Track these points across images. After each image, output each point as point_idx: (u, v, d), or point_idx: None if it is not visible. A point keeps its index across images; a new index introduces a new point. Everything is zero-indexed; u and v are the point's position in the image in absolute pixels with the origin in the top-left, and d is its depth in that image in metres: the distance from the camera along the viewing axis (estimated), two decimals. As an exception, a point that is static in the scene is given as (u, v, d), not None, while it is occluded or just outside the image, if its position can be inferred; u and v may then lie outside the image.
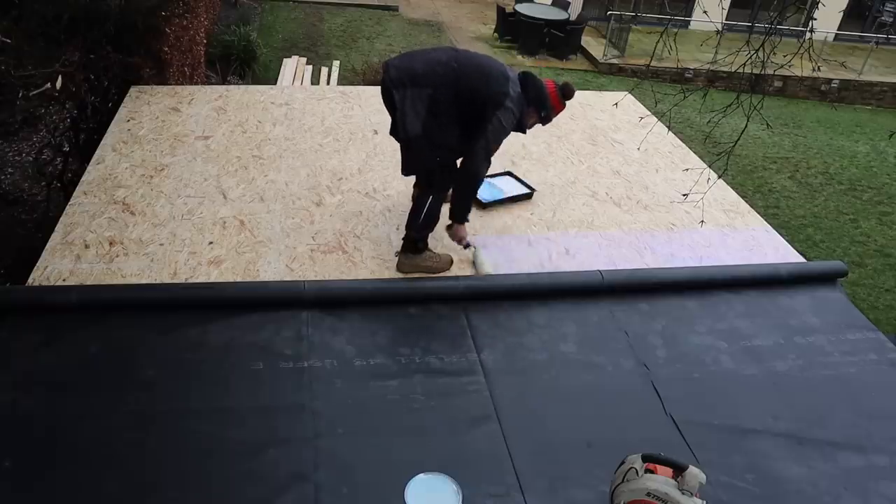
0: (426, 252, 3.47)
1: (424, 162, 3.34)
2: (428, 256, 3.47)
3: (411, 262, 3.45)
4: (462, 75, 3.19)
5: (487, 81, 3.22)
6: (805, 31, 3.91)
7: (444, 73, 3.18)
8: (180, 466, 2.41)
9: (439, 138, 3.21)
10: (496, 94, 3.19)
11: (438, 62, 3.22)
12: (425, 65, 3.21)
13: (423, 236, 3.46)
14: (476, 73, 3.24)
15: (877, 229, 8.91)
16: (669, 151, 5.12)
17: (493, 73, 3.27)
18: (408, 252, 3.46)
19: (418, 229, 3.42)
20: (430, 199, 3.38)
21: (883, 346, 3.36)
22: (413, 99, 3.14)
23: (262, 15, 13.11)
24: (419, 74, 3.17)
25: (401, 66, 3.23)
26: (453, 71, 3.19)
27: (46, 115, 5.51)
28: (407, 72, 3.19)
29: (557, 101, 3.40)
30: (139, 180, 4.05)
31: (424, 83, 3.15)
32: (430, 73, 3.17)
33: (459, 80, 3.18)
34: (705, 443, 2.69)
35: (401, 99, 3.15)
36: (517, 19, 13.70)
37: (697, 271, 3.72)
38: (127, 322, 2.96)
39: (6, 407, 2.56)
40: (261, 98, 5.24)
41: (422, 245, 3.46)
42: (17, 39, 4.11)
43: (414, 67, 3.20)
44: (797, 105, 13.21)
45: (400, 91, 3.15)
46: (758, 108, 3.58)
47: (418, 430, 2.62)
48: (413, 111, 3.14)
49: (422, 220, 3.40)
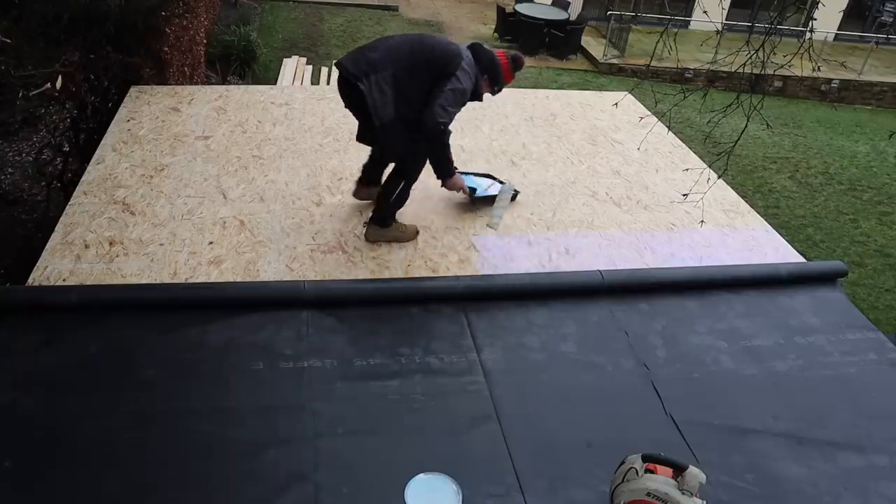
0: (394, 224, 3.63)
1: (401, 145, 3.43)
2: (395, 227, 3.65)
3: (378, 232, 3.63)
4: (416, 50, 3.33)
5: (441, 51, 3.38)
6: (805, 31, 3.91)
7: (399, 53, 3.31)
8: (180, 466, 2.41)
9: (410, 115, 3.31)
10: (452, 57, 3.34)
11: (391, 45, 3.38)
12: (380, 51, 3.34)
13: (392, 213, 3.62)
14: (429, 46, 3.40)
15: (877, 229, 8.91)
16: (669, 151, 5.12)
17: (445, 43, 3.47)
18: (375, 224, 3.63)
19: (388, 207, 3.58)
20: (403, 184, 3.54)
21: (883, 346, 3.36)
22: (379, 84, 3.24)
23: (262, 15, 13.11)
24: (376, 60, 3.28)
25: (356, 58, 3.35)
26: (408, 48, 3.33)
27: (46, 115, 5.51)
28: (364, 61, 3.30)
29: (508, 71, 3.54)
30: (139, 180, 4.05)
31: (383, 66, 3.26)
32: (385, 56, 3.30)
33: (415, 55, 3.32)
34: (705, 443, 2.68)
35: (367, 88, 3.24)
36: (517, 19, 13.71)
37: (697, 271, 3.72)
38: (127, 322, 2.96)
39: (6, 407, 2.56)
40: (261, 98, 5.24)
41: (389, 220, 3.62)
42: (17, 39, 4.11)
43: (369, 56, 3.32)
44: (797, 105, 13.22)
45: (364, 81, 3.24)
46: (758, 108, 3.58)
47: (418, 430, 2.62)
48: (381, 96, 3.24)
49: (392, 201, 3.57)
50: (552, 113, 5.53)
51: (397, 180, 3.56)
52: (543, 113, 5.52)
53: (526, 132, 5.16)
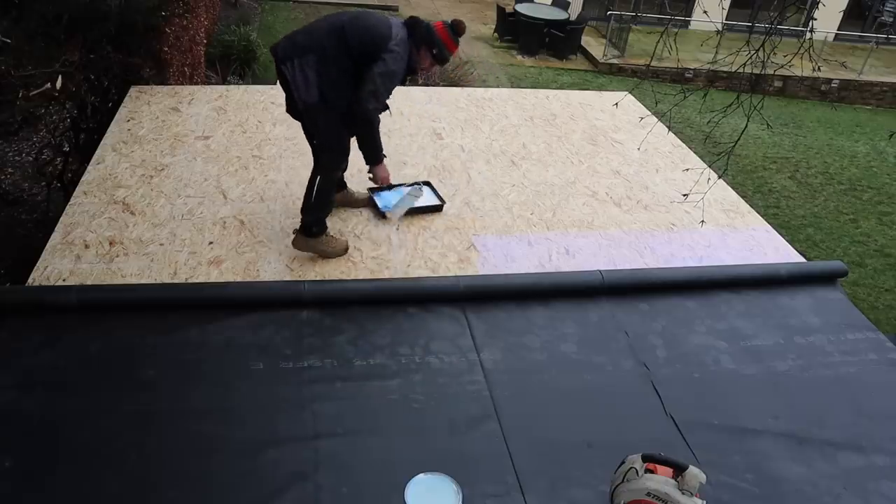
0: (322, 237, 3.49)
1: (327, 129, 3.39)
2: (323, 241, 3.50)
3: (305, 243, 3.49)
4: (344, 33, 3.27)
5: (369, 30, 3.31)
6: (805, 31, 3.92)
7: (328, 36, 3.28)
8: (180, 466, 2.41)
9: (335, 100, 3.28)
10: (379, 40, 3.27)
11: (319, 28, 3.35)
12: (305, 34, 3.34)
13: (317, 219, 3.47)
14: (358, 26, 3.32)
15: (877, 229, 8.91)
16: (669, 151, 5.12)
17: (375, 23, 3.35)
18: (301, 234, 3.49)
19: (310, 211, 3.45)
20: (318, 178, 3.42)
21: (883, 346, 3.36)
22: (301, 68, 3.23)
23: (262, 15, 13.11)
24: (300, 44, 3.28)
25: (285, 43, 3.35)
26: (336, 31, 3.28)
27: (46, 115, 5.50)
28: (290, 45, 3.30)
29: (448, 38, 3.44)
30: (139, 180, 4.05)
31: (307, 50, 3.24)
32: (311, 39, 3.29)
33: (343, 38, 3.26)
34: (705, 443, 2.68)
35: (290, 72, 3.24)
36: (517, 19, 13.71)
37: (697, 271, 3.72)
38: (127, 322, 2.96)
39: (7, 407, 2.56)
40: (261, 98, 5.24)
41: (316, 230, 3.47)
42: (17, 39, 4.11)
43: (295, 39, 3.33)
44: (797, 105, 13.21)
45: (287, 65, 3.24)
46: (758, 108, 3.58)
47: (418, 430, 2.62)
48: (304, 80, 3.23)
49: (313, 201, 3.43)
50: (552, 113, 5.54)
51: (313, 177, 3.44)
52: (543, 113, 5.52)
53: (526, 132, 5.16)
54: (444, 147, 4.77)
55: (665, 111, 4.99)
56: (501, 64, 12.93)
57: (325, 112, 3.31)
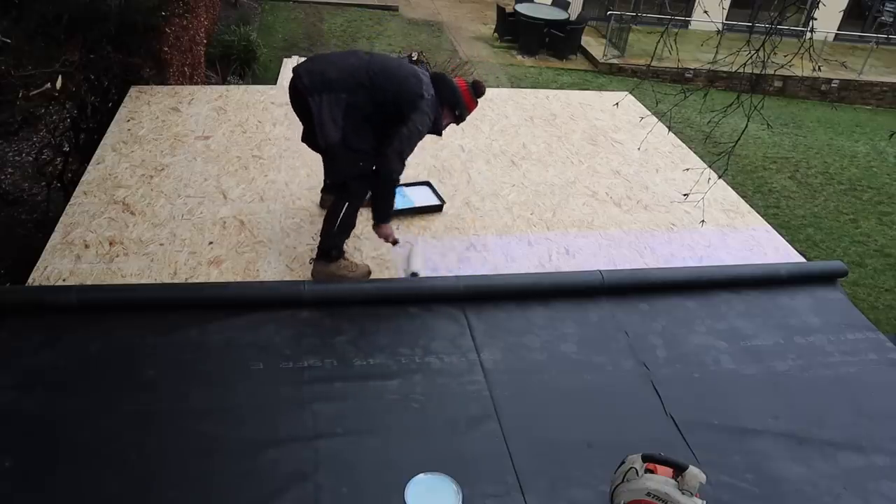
0: (341, 261, 3.37)
1: (345, 169, 3.31)
2: (343, 265, 3.37)
3: (325, 269, 3.33)
4: (376, 80, 3.19)
5: (401, 85, 3.23)
6: (805, 31, 3.92)
7: (359, 79, 3.17)
8: (180, 466, 2.41)
9: (357, 144, 3.20)
10: (411, 97, 3.21)
11: (352, 67, 3.22)
12: (339, 71, 3.20)
13: (337, 244, 3.37)
14: (390, 76, 3.24)
15: (877, 229, 8.91)
16: (669, 151, 5.12)
17: (407, 76, 3.28)
18: (321, 260, 3.35)
19: (332, 237, 3.35)
20: (346, 206, 3.32)
21: (883, 346, 3.36)
22: (330, 105, 3.12)
23: (262, 15, 13.11)
24: (334, 80, 3.15)
25: (314, 70, 3.22)
26: (367, 76, 3.18)
27: (46, 115, 5.50)
28: (321, 78, 3.17)
29: (470, 100, 3.43)
30: (139, 180, 4.05)
31: (339, 88, 3.14)
32: (344, 78, 3.17)
33: (374, 85, 3.18)
34: (705, 443, 2.68)
35: (317, 106, 3.13)
36: (517, 19, 13.71)
37: (697, 271, 3.72)
38: (127, 322, 2.96)
39: (7, 407, 2.56)
40: (261, 98, 5.24)
41: (335, 253, 3.36)
42: (17, 39, 4.11)
43: (328, 73, 3.19)
44: (797, 105, 13.22)
45: (315, 98, 3.13)
46: (758, 108, 3.58)
47: (418, 430, 2.62)
48: (331, 118, 3.13)
49: (336, 228, 3.33)
50: (552, 113, 5.54)
51: (340, 203, 3.33)
52: (543, 113, 5.52)
53: (526, 132, 5.16)
54: (444, 147, 4.77)
55: (665, 111, 5.00)
56: (501, 64, 12.93)
57: (345, 152, 3.22)
